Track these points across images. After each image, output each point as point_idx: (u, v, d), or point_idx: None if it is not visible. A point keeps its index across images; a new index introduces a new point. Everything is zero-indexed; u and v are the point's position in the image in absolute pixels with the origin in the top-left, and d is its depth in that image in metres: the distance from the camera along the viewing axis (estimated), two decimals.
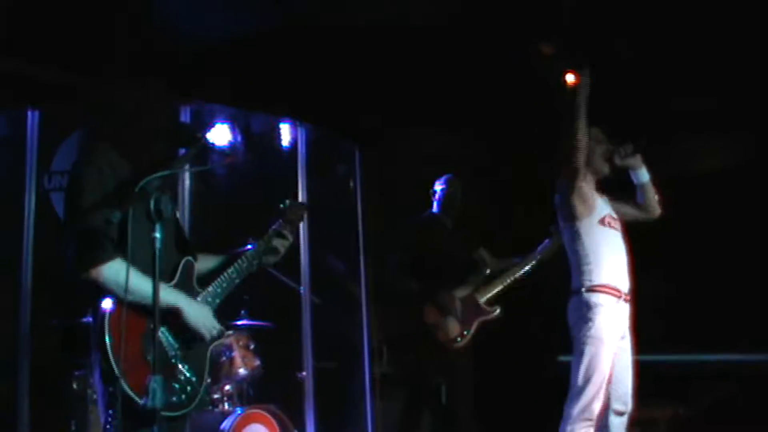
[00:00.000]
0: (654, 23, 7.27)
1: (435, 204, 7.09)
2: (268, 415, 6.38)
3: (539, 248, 6.84)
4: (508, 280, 6.92)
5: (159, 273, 3.23)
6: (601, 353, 5.08)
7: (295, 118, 6.99)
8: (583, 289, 5.23)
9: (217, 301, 3.73)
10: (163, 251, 3.29)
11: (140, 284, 3.27)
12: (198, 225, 6.43)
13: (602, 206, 5.32)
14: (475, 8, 6.95)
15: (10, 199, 6.29)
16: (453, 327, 6.72)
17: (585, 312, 5.18)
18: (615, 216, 5.38)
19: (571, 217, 5.29)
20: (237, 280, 3.84)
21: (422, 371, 6.93)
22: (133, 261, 3.27)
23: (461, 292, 6.86)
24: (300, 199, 6.87)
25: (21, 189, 6.24)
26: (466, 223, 7.25)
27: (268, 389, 7.10)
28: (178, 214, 3.74)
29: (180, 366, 3.45)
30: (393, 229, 7.30)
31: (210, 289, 3.70)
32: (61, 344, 5.96)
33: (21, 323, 6.12)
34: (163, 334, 3.44)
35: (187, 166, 3.71)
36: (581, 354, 5.12)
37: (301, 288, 6.89)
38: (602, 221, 5.27)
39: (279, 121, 6.95)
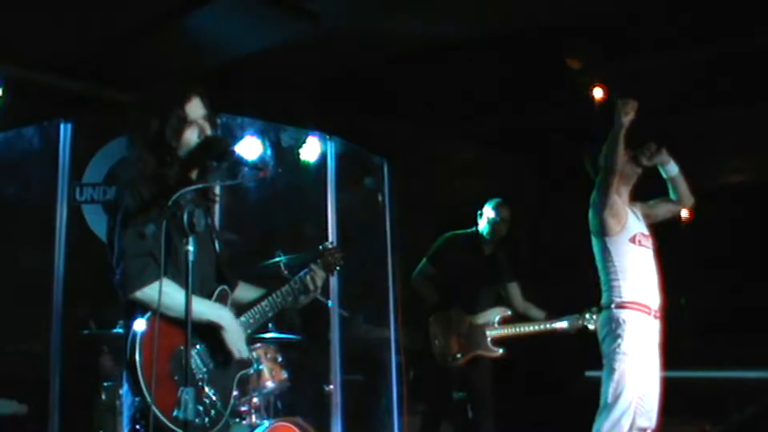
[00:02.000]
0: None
1: (480, 224, 7.04)
2: (296, 428, 6.38)
3: (566, 319, 6.82)
4: (523, 331, 6.90)
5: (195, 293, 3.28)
6: (631, 369, 5.09)
7: (325, 132, 7.01)
8: (613, 305, 5.24)
9: (249, 331, 3.73)
10: (200, 272, 3.35)
11: (182, 300, 3.29)
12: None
13: (634, 224, 5.31)
14: (506, 22, 6.94)
15: (43, 210, 6.33)
16: (452, 345, 6.74)
17: (614, 328, 5.18)
18: (647, 233, 5.38)
19: (602, 233, 5.29)
20: (270, 314, 3.85)
21: (440, 384, 6.95)
22: (174, 276, 3.35)
23: (476, 319, 6.86)
24: (329, 211, 6.89)
25: (53, 200, 6.28)
26: (506, 247, 7.23)
27: (296, 402, 7.12)
28: (217, 244, 3.72)
29: (206, 389, 3.45)
30: (426, 238, 7.30)
31: (242, 318, 3.71)
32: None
33: (52, 334, 6.16)
34: (197, 353, 3.45)
35: (218, 180, 3.69)
36: (612, 370, 5.13)
37: (330, 301, 6.89)
38: (633, 239, 5.27)
39: (308, 135, 6.97)
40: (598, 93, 7.87)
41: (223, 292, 3.66)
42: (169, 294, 3.29)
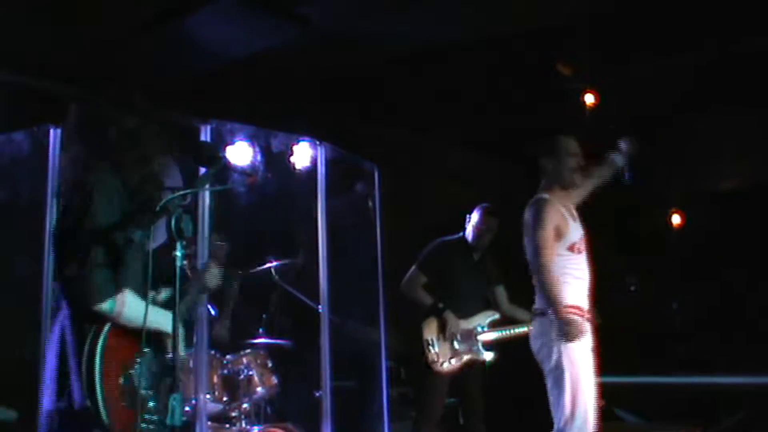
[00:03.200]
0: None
1: (467, 230, 7.09)
2: None
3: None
4: (512, 333, 6.93)
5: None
6: (581, 374, 5.08)
7: (315, 137, 7.00)
8: (542, 310, 5.20)
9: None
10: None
11: (142, 311, 3.30)
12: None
13: (574, 232, 5.27)
14: (499, 26, 6.95)
15: (32, 215, 6.31)
16: (444, 351, 6.76)
17: (547, 336, 5.12)
18: (583, 235, 5.34)
19: (540, 245, 5.22)
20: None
21: (431, 389, 6.95)
22: (131, 284, 3.34)
23: (467, 324, 6.89)
24: (319, 217, 6.87)
25: (43, 206, 6.26)
26: (495, 255, 7.26)
27: (286, 408, 7.10)
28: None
29: (150, 402, 3.45)
30: (417, 244, 7.31)
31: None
32: None
33: (41, 341, 6.13)
34: (143, 362, 3.43)
35: (207, 185, 3.68)
36: (561, 381, 5.08)
37: (320, 306, 6.88)
38: (572, 248, 5.22)
39: (299, 140, 6.96)
40: (589, 99, 7.89)
41: None
42: (131, 305, 3.30)
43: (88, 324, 3.32)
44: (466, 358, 6.86)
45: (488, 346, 6.90)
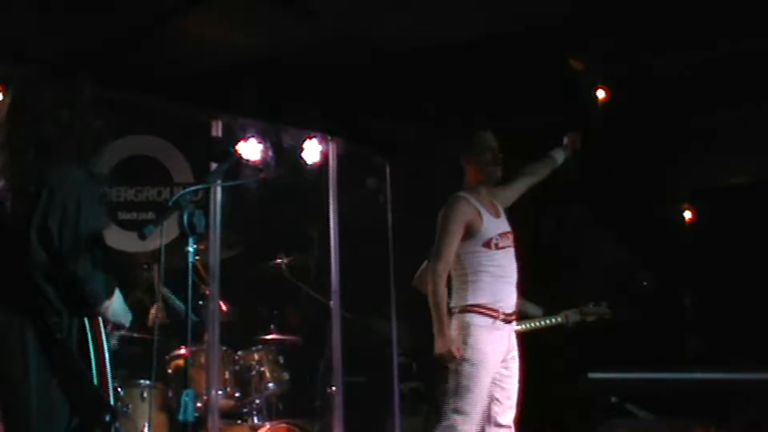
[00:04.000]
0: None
1: None
2: (297, 430, 6.39)
3: (563, 313, 6.81)
4: (524, 328, 6.90)
5: None
6: (475, 376, 4.96)
7: (326, 132, 7.00)
8: (457, 309, 5.11)
9: None
10: None
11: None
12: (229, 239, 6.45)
13: (490, 226, 5.14)
14: (509, 22, 6.93)
15: None
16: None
17: (459, 332, 5.04)
18: (507, 230, 5.23)
19: None
20: None
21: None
22: None
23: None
24: (330, 212, 6.87)
25: None
26: None
27: (297, 403, 7.11)
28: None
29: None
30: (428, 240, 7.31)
31: None
32: None
33: None
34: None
35: (219, 181, 3.67)
36: (455, 376, 4.99)
37: (331, 302, 6.89)
38: (488, 243, 5.10)
39: (310, 136, 6.96)
40: (601, 94, 7.87)
41: None
42: (117, 300, 3.34)
43: (76, 318, 3.33)
44: None
45: None
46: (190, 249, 3.24)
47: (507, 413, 5.16)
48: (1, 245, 3.30)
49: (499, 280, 5.11)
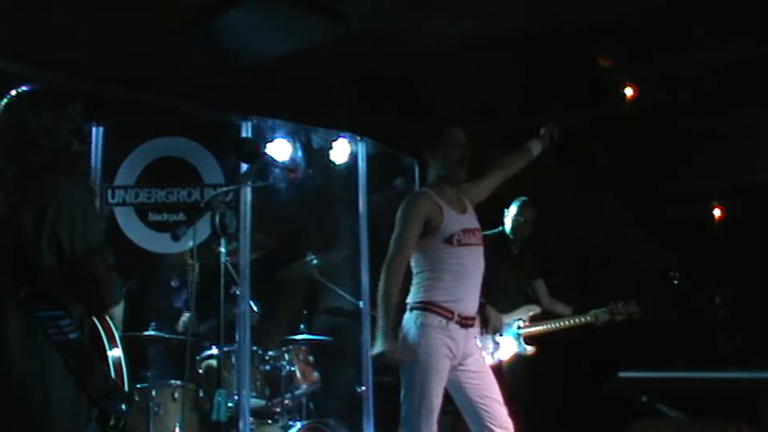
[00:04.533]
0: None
1: (506, 223, 7.09)
2: (328, 430, 6.40)
3: (591, 312, 6.81)
4: (553, 327, 6.90)
5: None
6: (426, 380, 4.79)
7: (355, 133, 7.01)
8: (410, 306, 4.94)
9: None
10: None
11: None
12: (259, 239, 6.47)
13: (452, 223, 4.95)
14: (535, 21, 6.92)
15: None
16: (485, 346, 6.73)
17: (411, 332, 4.86)
18: (472, 227, 5.06)
19: None
20: None
21: None
22: None
23: (507, 318, 6.88)
24: (360, 212, 6.89)
25: None
26: (533, 246, 7.24)
27: (328, 403, 7.12)
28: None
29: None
30: None
31: None
32: None
33: None
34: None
35: (249, 182, 3.70)
36: (408, 380, 4.84)
37: (361, 302, 6.90)
38: (449, 240, 4.92)
39: (339, 136, 6.98)
40: (629, 92, 7.85)
41: None
42: (120, 311, 3.45)
43: (87, 319, 3.42)
44: (508, 353, 6.84)
45: (529, 340, 6.88)
46: (222, 249, 3.28)
47: (498, 413, 4.94)
48: (4, 259, 3.37)
49: (460, 278, 4.91)
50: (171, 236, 3.33)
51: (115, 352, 3.45)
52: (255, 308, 6.55)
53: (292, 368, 6.50)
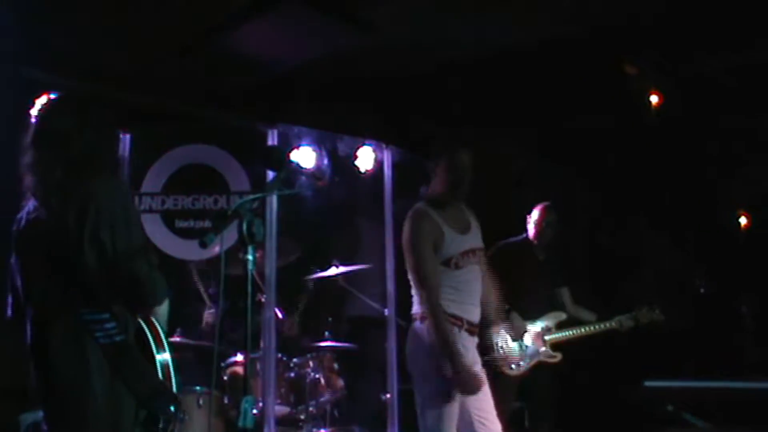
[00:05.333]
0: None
1: (529, 229, 7.08)
2: None
3: (616, 318, 6.80)
4: (579, 333, 6.88)
5: None
6: (435, 389, 4.78)
7: (381, 140, 7.02)
8: (418, 316, 4.92)
9: None
10: None
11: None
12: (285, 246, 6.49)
13: (452, 245, 4.89)
14: (559, 27, 6.92)
15: None
16: (512, 354, 6.71)
17: (421, 342, 4.85)
18: (472, 247, 4.98)
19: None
20: None
21: (498, 392, 6.91)
22: None
23: (533, 325, 6.86)
24: (386, 220, 6.89)
25: None
26: (558, 252, 7.23)
27: (353, 411, 7.12)
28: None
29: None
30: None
31: None
32: None
33: None
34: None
35: (276, 189, 3.70)
36: (425, 389, 4.84)
37: (386, 310, 6.90)
38: (448, 263, 4.86)
39: (364, 143, 6.99)
40: (654, 99, 7.83)
41: None
42: (165, 310, 3.45)
43: (132, 320, 3.44)
44: (534, 360, 6.82)
45: (556, 347, 6.87)
46: (250, 257, 3.28)
47: (493, 427, 4.92)
48: (49, 262, 3.38)
49: (460, 293, 4.89)
50: (199, 244, 3.32)
51: (163, 354, 3.46)
52: (280, 315, 6.57)
53: (317, 375, 6.51)
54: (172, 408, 3.39)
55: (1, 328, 6.49)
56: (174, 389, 3.48)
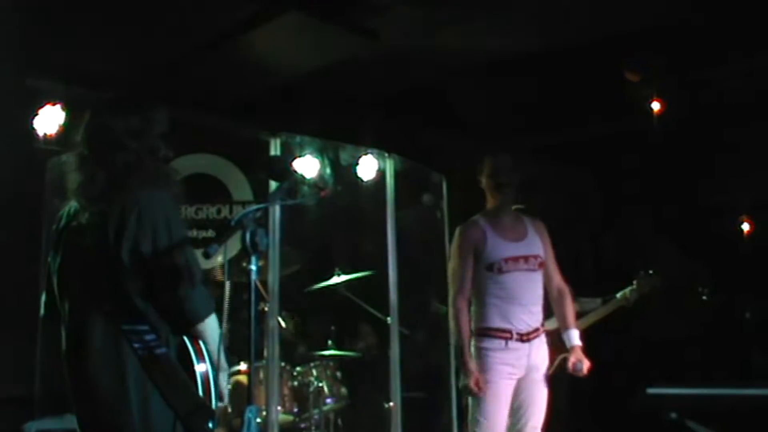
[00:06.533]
0: None
1: None
2: None
3: (620, 293, 6.78)
4: (590, 321, 6.86)
5: None
6: (485, 397, 4.97)
7: (383, 149, 7.03)
8: (473, 333, 5.10)
9: None
10: None
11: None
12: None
13: (496, 250, 5.11)
14: (564, 35, 6.92)
15: None
16: None
17: (475, 356, 5.05)
18: (518, 255, 5.13)
19: None
20: None
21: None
22: None
23: (548, 324, 6.84)
24: (388, 229, 6.88)
25: None
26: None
27: (356, 419, 7.12)
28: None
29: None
30: None
31: None
32: None
33: None
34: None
35: (279, 200, 3.68)
36: (473, 402, 5.05)
37: (389, 318, 6.90)
38: (491, 267, 5.07)
39: (366, 152, 6.99)
40: (656, 106, 7.83)
41: None
42: (213, 325, 3.38)
43: (175, 336, 3.38)
44: (558, 358, 6.79)
45: None
46: (253, 267, 3.27)
47: None
48: (88, 268, 3.36)
49: (509, 302, 5.07)
50: (203, 254, 3.31)
51: (203, 367, 3.36)
52: (283, 324, 6.57)
53: (320, 384, 6.51)
54: (210, 424, 3.34)
55: (6, 337, 6.55)
56: (213, 402, 3.43)
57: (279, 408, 6.18)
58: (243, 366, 6.27)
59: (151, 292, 3.27)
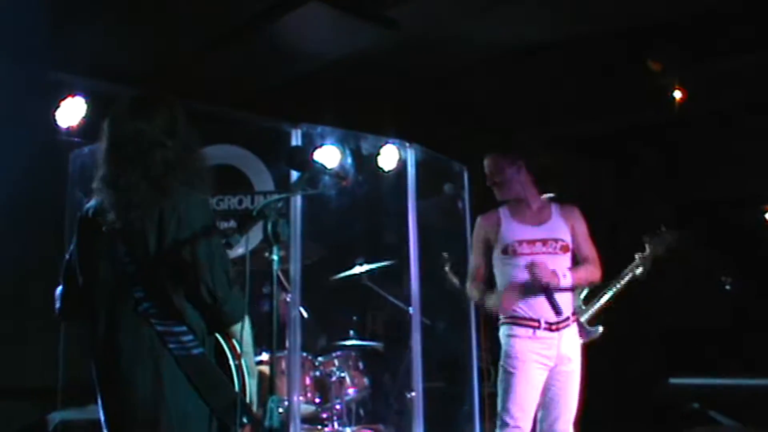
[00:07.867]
0: None
1: None
2: None
3: (631, 266, 6.73)
4: (605, 300, 6.80)
5: None
6: (513, 384, 5.00)
7: (404, 139, 7.02)
8: (500, 322, 5.16)
9: None
10: None
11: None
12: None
13: (507, 233, 5.16)
14: (584, 26, 6.90)
15: None
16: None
17: (503, 344, 5.12)
18: (535, 239, 5.14)
19: None
20: None
21: None
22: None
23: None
24: (409, 219, 6.88)
25: None
26: None
27: (378, 409, 7.13)
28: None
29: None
30: None
31: None
32: None
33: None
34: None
35: (301, 190, 3.69)
36: (501, 384, 5.09)
37: (410, 308, 6.90)
38: (505, 250, 5.13)
39: (387, 142, 6.98)
40: (678, 95, 7.80)
41: None
42: (246, 325, 3.43)
43: (211, 336, 3.42)
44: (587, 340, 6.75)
45: (593, 322, 6.77)
46: (275, 257, 3.28)
47: (555, 426, 5.11)
48: (124, 269, 3.36)
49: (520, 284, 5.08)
50: (224, 244, 3.33)
51: (237, 360, 3.42)
52: (305, 314, 6.57)
53: (342, 374, 6.51)
54: (246, 419, 3.36)
55: (30, 330, 6.59)
56: (248, 396, 3.45)
57: (301, 398, 6.19)
58: (265, 356, 6.28)
59: (190, 295, 3.30)
